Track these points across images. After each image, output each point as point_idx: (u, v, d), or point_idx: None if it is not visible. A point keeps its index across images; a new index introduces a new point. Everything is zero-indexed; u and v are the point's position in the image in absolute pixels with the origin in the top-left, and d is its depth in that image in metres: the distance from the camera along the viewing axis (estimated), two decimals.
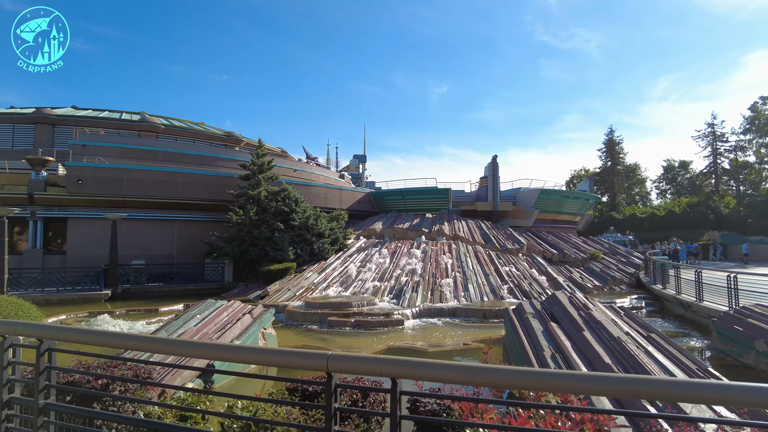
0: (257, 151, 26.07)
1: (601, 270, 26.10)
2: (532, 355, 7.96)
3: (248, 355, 2.28)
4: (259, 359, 2.26)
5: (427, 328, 15.58)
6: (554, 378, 2.08)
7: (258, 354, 2.36)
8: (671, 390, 1.94)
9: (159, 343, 2.96)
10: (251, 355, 2.30)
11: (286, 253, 22.98)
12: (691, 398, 2.01)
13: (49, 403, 2.93)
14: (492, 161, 33.17)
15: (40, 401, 2.91)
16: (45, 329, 2.95)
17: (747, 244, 37.79)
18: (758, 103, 58.08)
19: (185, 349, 2.69)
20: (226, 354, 2.35)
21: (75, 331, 3.01)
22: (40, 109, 34.32)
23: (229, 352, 2.33)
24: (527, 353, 8.09)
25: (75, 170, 23.58)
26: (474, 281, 20.80)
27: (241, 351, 2.32)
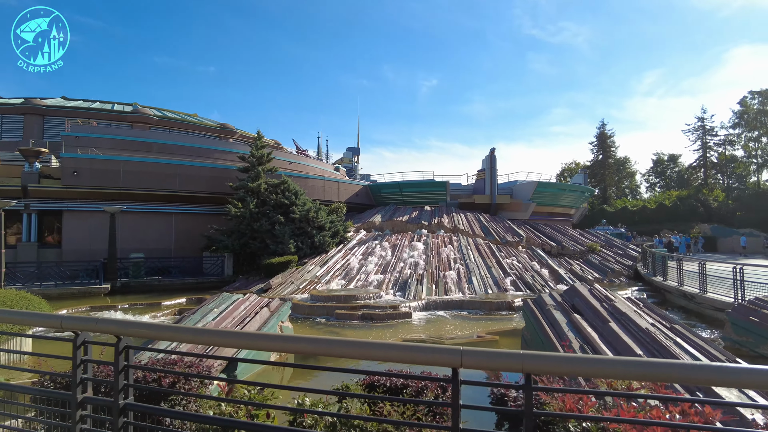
0: (256, 143, 25.74)
1: (600, 262, 26.29)
2: (559, 347, 7.92)
3: (374, 351, 2.14)
4: (385, 355, 2.13)
5: (435, 320, 15.55)
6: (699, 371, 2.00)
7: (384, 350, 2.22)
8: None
9: (262, 340, 2.81)
10: (377, 351, 2.16)
11: (287, 246, 22.77)
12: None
13: (129, 403, 2.79)
14: (490, 154, 33.15)
15: (120, 401, 2.77)
16: (123, 325, 2.78)
17: (745, 237, 38.28)
18: (747, 97, 58.86)
19: (290, 345, 2.54)
20: (352, 350, 2.22)
21: (158, 328, 2.84)
22: (29, 100, 33.53)
23: (354, 348, 2.19)
24: (554, 345, 8.06)
25: (70, 162, 23.06)
26: (477, 274, 20.81)
27: (365, 347, 2.19)
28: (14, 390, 3.00)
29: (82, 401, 2.82)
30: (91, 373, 2.91)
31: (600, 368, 2.05)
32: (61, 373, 3.05)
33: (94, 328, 2.77)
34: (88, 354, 2.88)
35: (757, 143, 59.66)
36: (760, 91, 57.51)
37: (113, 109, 36.13)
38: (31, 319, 2.86)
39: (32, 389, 3.22)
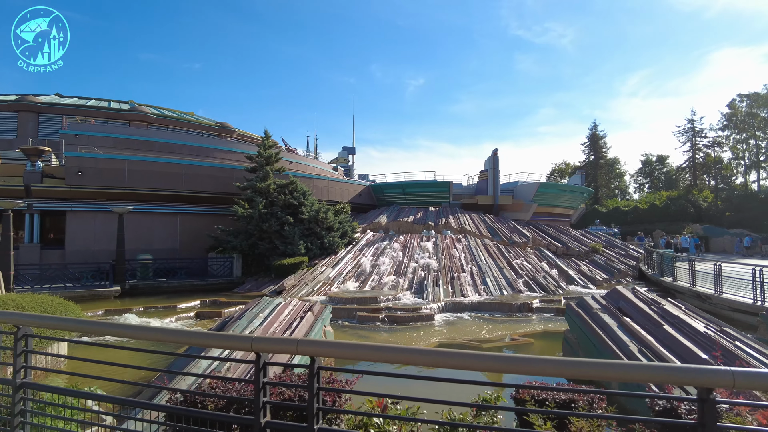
0: (264, 143, 25.45)
1: (605, 262, 26.53)
2: (618, 351, 7.93)
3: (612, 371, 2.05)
4: (629, 375, 2.04)
5: (458, 322, 15.52)
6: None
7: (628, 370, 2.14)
8: None
9: (392, 353, 2.66)
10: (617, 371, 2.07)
11: (296, 247, 22.54)
12: None
13: (270, 421, 2.64)
14: (492, 155, 33.26)
15: (261, 420, 2.63)
16: (266, 342, 2.61)
17: (749, 237, 38.87)
18: (736, 100, 60.02)
19: (443, 359, 2.41)
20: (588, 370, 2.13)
21: (353, 347, 2.69)
22: (23, 96, 32.70)
23: (592, 368, 2.08)
24: (611, 348, 8.07)
25: (74, 161, 22.51)
26: (491, 275, 20.85)
27: (594, 366, 2.10)
28: (197, 415, 2.84)
29: (264, 426, 2.69)
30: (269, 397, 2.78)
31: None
32: (247, 398, 2.89)
33: (254, 347, 2.63)
34: (267, 376, 2.74)
35: (746, 145, 60.89)
36: (748, 94, 58.76)
37: (110, 107, 35.45)
38: (220, 341, 2.69)
39: (211, 414, 3.06)
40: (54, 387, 3.36)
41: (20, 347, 3.30)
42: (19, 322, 3.29)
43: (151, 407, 3.25)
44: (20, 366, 3.31)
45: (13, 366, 3.29)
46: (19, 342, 3.29)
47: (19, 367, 3.30)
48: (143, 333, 3.19)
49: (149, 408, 3.27)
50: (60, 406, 3.36)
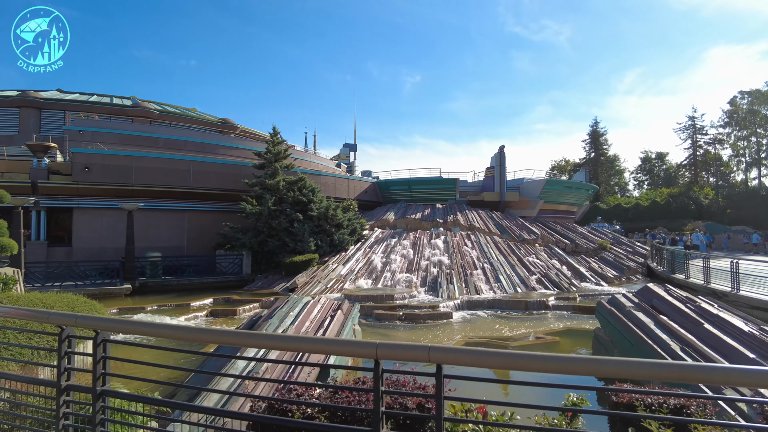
0: (272, 139, 25.19)
1: (614, 260, 26.49)
2: (659, 350, 7.80)
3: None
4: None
5: (476, 320, 15.40)
6: None
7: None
8: None
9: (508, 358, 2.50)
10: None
11: (306, 244, 22.34)
12: None
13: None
14: (499, 151, 33.12)
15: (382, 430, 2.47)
16: (392, 349, 2.43)
17: (757, 234, 38.83)
18: (737, 97, 60.11)
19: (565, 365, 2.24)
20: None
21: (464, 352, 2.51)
22: (25, 92, 32.32)
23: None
24: (651, 347, 7.94)
25: (81, 157, 22.21)
26: (503, 272, 20.73)
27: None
28: (297, 426, 2.67)
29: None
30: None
31: None
32: (365, 408, 2.73)
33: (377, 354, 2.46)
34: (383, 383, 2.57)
35: (747, 142, 61.04)
36: (749, 91, 58.87)
37: (113, 103, 35.10)
38: (340, 347, 2.51)
39: (319, 425, 2.88)
40: (136, 395, 3.18)
41: (99, 353, 3.12)
42: (98, 326, 3.11)
43: (240, 417, 3.07)
44: (99, 373, 3.13)
45: (93, 373, 3.11)
46: (98, 348, 3.12)
47: (98, 374, 3.12)
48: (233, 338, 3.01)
49: (236, 417, 3.09)
50: (141, 414, 3.18)
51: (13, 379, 3.31)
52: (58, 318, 3.14)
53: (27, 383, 3.30)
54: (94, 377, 3.12)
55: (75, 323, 3.07)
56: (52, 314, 3.11)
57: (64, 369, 3.19)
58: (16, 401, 3.43)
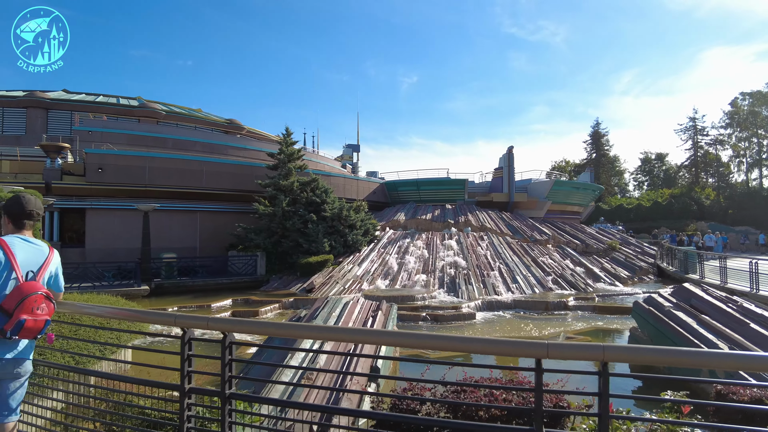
0: (285, 140, 25.13)
1: (625, 260, 26.58)
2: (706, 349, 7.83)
3: None
4: None
5: (499, 321, 15.42)
6: None
7: None
8: None
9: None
10: None
11: (321, 245, 22.30)
12: None
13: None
14: (507, 152, 33.22)
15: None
16: (562, 349, 2.43)
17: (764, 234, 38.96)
18: (738, 98, 60.50)
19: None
20: None
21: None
22: (32, 92, 32.15)
23: None
24: (698, 346, 7.97)
25: (95, 158, 22.10)
26: (520, 273, 20.76)
27: None
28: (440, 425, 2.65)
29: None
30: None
31: None
32: (525, 408, 2.72)
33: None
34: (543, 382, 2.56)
35: (748, 143, 61.40)
36: (750, 92, 59.28)
37: (119, 103, 34.99)
38: (514, 348, 2.49)
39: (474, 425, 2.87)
40: (261, 397, 3.17)
41: (227, 356, 3.10)
42: (226, 328, 3.09)
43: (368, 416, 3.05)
44: (228, 376, 3.11)
45: (221, 376, 3.09)
46: (226, 350, 3.10)
47: (227, 378, 3.10)
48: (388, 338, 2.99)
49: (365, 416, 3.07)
50: (266, 416, 3.16)
51: (137, 383, 3.28)
52: (185, 320, 3.13)
53: (150, 386, 3.28)
54: (223, 380, 3.10)
55: (207, 326, 3.05)
56: (179, 317, 3.09)
57: (187, 372, 3.17)
58: (135, 404, 3.41)
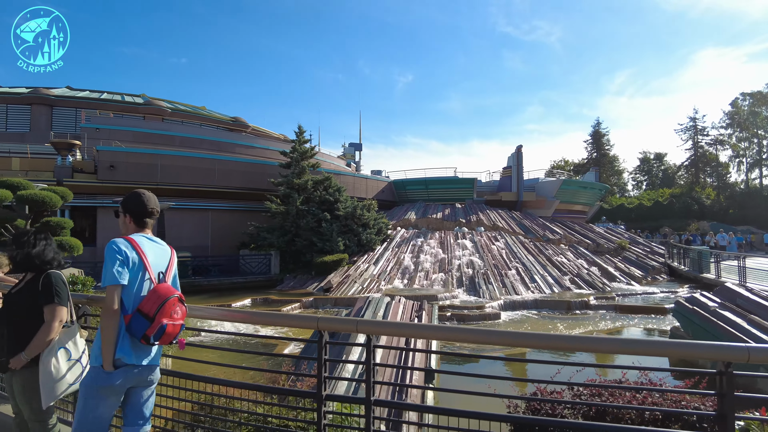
0: (298, 138, 24.90)
1: (637, 259, 26.57)
2: None
3: None
4: None
5: (525, 320, 15.32)
6: None
7: None
8: None
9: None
10: None
11: (335, 243, 22.12)
12: None
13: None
14: (516, 151, 33.16)
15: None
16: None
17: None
18: (738, 99, 60.83)
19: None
20: None
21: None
22: (36, 89, 31.71)
23: None
24: None
25: (106, 155, 21.81)
26: (537, 272, 20.68)
27: None
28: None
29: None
30: None
31: None
32: (707, 413, 2.58)
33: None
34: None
35: (748, 143, 61.75)
36: (751, 93, 59.61)
37: (124, 100, 34.61)
38: (696, 351, 2.36)
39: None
40: (407, 404, 3.01)
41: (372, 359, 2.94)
42: (372, 330, 2.93)
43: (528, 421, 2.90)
44: (372, 381, 2.95)
45: (366, 382, 2.93)
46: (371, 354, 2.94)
47: (371, 383, 2.94)
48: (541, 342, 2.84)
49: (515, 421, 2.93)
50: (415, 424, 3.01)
51: (272, 392, 3.11)
52: (328, 323, 2.97)
53: (287, 395, 3.11)
54: (368, 386, 2.95)
55: (356, 329, 2.88)
56: (321, 319, 2.92)
57: (324, 378, 3.02)
58: (263, 414, 3.23)
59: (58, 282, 3.25)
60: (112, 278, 2.61)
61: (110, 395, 2.64)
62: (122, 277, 2.63)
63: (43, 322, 3.15)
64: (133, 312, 2.68)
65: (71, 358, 3.24)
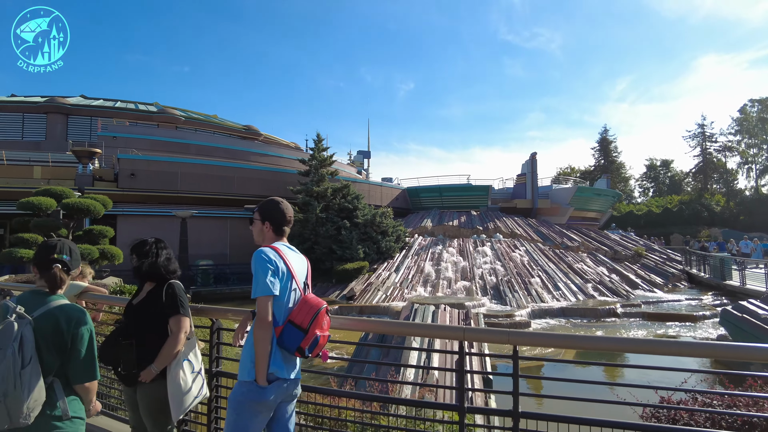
0: (317, 146, 24.90)
1: (656, 266, 26.41)
2: None
3: None
4: None
5: (556, 329, 15.20)
6: None
7: None
8: None
9: None
10: None
11: (355, 251, 22.03)
12: None
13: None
14: (531, 158, 33.11)
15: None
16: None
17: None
18: (747, 105, 60.79)
19: None
20: None
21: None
22: (52, 98, 31.86)
23: None
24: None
25: (127, 163, 21.84)
26: (560, 280, 20.54)
27: None
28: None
29: None
30: None
31: None
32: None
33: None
34: None
35: (758, 149, 61.64)
36: (759, 99, 59.59)
37: (138, 109, 34.73)
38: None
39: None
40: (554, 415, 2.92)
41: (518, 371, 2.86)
42: (522, 342, 2.84)
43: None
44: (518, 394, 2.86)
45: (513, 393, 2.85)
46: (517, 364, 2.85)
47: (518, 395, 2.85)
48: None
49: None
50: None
51: (408, 404, 3.03)
52: (476, 334, 2.88)
53: (425, 407, 3.02)
54: (515, 398, 2.86)
55: (507, 340, 2.79)
56: (468, 330, 2.84)
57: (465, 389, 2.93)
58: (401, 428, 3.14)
59: (181, 292, 3.19)
60: (265, 289, 2.54)
61: (263, 411, 2.56)
62: (274, 287, 2.56)
63: (165, 332, 3.08)
64: (284, 323, 2.61)
65: (194, 371, 3.16)
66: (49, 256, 2.44)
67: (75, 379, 2.32)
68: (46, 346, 2.21)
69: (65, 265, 2.45)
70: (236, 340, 3.10)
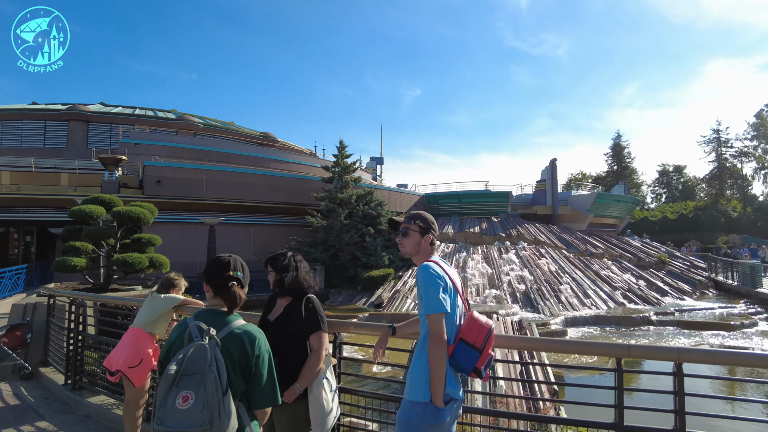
0: (341, 152, 24.89)
1: (682, 273, 26.09)
2: None
3: None
4: None
5: (592, 337, 14.97)
6: None
7: None
8: None
9: None
10: None
11: (379, 258, 21.96)
12: None
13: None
14: (550, 165, 32.91)
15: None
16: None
17: None
18: (763, 110, 60.25)
19: None
20: None
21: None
22: (74, 106, 32.19)
23: None
24: None
25: (153, 170, 21.90)
26: (589, 287, 20.32)
27: None
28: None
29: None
30: None
31: None
32: None
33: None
34: None
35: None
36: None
37: (157, 116, 34.97)
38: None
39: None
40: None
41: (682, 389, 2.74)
42: (683, 358, 2.72)
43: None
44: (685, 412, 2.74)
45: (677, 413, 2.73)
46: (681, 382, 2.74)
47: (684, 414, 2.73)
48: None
49: None
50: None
51: (564, 423, 2.92)
52: (640, 351, 2.77)
53: (580, 426, 2.91)
54: (680, 417, 2.75)
55: (678, 357, 2.68)
56: (632, 347, 2.72)
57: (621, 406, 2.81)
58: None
59: (320, 307, 3.10)
60: (438, 306, 2.43)
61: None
62: (447, 304, 2.46)
63: (304, 349, 2.98)
64: (455, 342, 2.51)
65: (332, 389, 3.06)
66: (224, 273, 2.36)
67: (258, 403, 2.22)
68: (233, 369, 2.12)
69: (240, 283, 2.37)
70: (376, 356, 3.01)
